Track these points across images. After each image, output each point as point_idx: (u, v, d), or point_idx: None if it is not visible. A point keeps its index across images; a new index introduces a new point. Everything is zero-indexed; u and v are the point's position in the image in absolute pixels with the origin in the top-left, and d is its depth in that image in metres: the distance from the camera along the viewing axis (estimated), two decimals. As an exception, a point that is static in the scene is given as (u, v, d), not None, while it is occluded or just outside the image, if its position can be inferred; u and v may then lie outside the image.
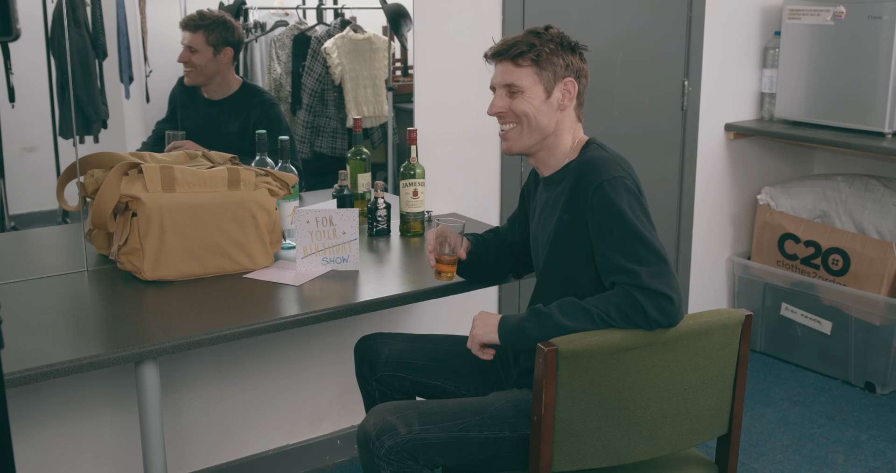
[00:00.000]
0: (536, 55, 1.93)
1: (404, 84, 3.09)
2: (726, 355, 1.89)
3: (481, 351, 1.93)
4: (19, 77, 2.43)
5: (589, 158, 1.91)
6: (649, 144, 3.58)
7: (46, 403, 2.47)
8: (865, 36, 3.41)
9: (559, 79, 1.94)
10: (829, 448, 3.11)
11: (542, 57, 1.93)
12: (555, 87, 1.94)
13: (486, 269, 2.24)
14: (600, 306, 1.77)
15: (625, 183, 1.84)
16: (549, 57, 1.93)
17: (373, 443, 1.86)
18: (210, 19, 2.74)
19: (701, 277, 3.89)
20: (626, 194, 1.83)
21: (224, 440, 2.81)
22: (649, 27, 3.48)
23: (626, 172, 1.88)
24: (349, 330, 2.92)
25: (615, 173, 1.85)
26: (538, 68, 1.93)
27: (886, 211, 3.51)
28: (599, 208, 1.83)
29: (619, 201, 1.82)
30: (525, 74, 1.94)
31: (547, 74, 1.94)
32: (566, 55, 1.95)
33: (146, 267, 2.21)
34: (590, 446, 1.82)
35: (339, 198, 2.69)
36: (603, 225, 1.83)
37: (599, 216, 1.83)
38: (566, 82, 1.95)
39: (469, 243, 2.20)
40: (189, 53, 2.74)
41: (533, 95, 1.94)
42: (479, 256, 2.21)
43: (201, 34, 2.73)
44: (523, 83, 1.94)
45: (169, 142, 2.71)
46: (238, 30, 2.79)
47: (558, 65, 1.94)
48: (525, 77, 1.94)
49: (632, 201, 1.83)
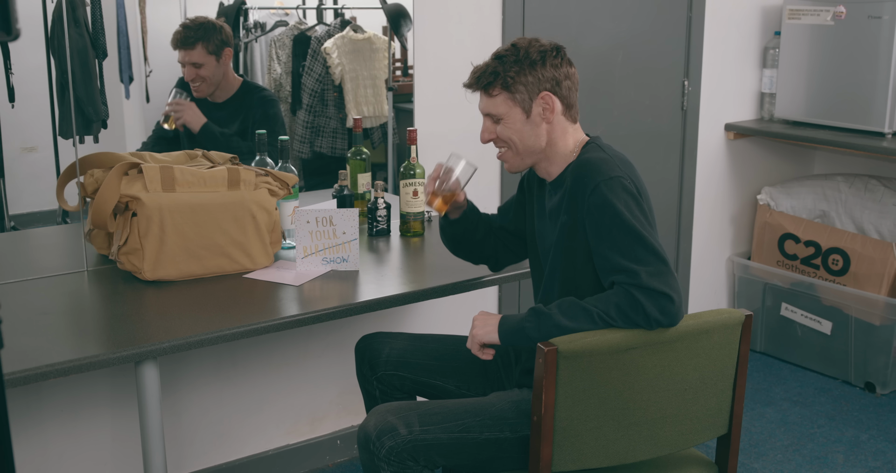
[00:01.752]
0: (503, 82, 1.93)
1: (404, 84, 3.09)
2: (726, 355, 1.89)
3: (481, 351, 1.93)
4: (19, 77, 2.43)
5: (586, 159, 1.91)
6: (649, 144, 3.58)
7: (46, 403, 2.47)
8: (865, 36, 3.40)
9: (534, 96, 1.93)
10: (829, 448, 3.11)
11: (508, 82, 1.92)
12: (532, 105, 1.93)
13: (470, 242, 2.21)
14: (600, 305, 1.77)
15: (622, 183, 1.84)
16: (515, 79, 1.92)
17: (373, 444, 1.86)
18: (201, 29, 2.72)
19: (701, 277, 3.89)
20: (624, 193, 1.83)
21: (224, 440, 2.81)
22: (649, 27, 3.48)
23: (623, 172, 1.87)
24: (349, 330, 2.92)
25: (612, 173, 1.85)
26: (509, 93, 1.93)
27: (886, 211, 3.51)
28: (597, 209, 1.83)
29: (615, 202, 1.81)
30: (499, 102, 1.95)
31: (520, 96, 1.93)
32: (533, 72, 1.92)
33: (146, 267, 2.21)
34: (590, 446, 1.82)
35: (339, 198, 2.69)
36: (601, 225, 1.82)
37: (597, 217, 1.83)
38: (542, 97, 1.93)
39: (467, 202, 2.17)
40: (195, 70, 2.73)
41: (513, 120, 1.95)
42: (470, 223, 2.18)
43: (200, 47, 2.72)
44: (500, 111, 1.95)
45: (172, 98, 2.70)
46: (225, 27, 2.78)
47: (528, 83, 1.92)
48: (499, 105, 1.95)
49: (629, 200, 1.83)
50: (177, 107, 2.72)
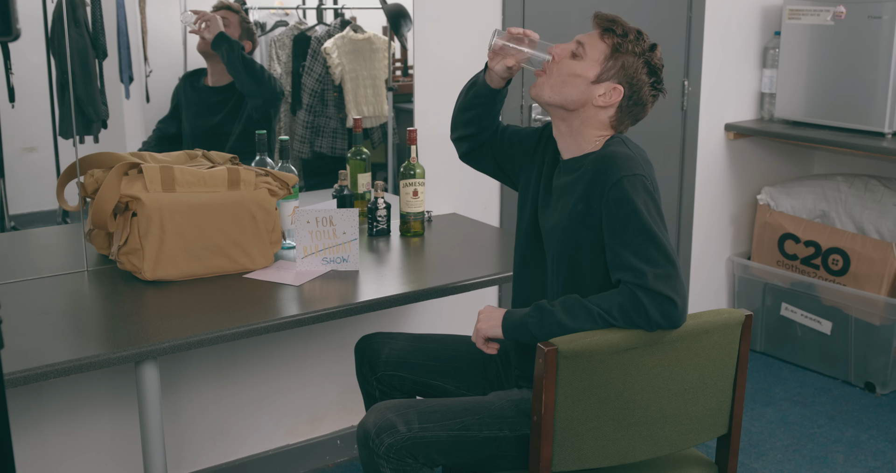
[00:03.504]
0: (618, 43, 1.90)
1: (404, 84, 3.09)
2: (726, 355, 1.89)
3: (486, 345, 1.93)
4: (19, 77, 2.43)
5: (611, 152, 1.89)
6: (649, 144, 3.55)
7: (46, 403, 2.47)
8: (865, 36, 3.41)
9: (612, 78, 1.90)
10: (829, 448, 3.11)
11: (619, 47, 1.89)
12: (606, 81, 1.90)
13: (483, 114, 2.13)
14: (603, 305, 1.77)
15: (643, 182, 1.83)
16: (624, 51, 1.89)
17: (372, 441, 1.86)
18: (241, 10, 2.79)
19: (701, 277, 3.89)
20: (644, 192, 1.82)
21: (224, 440, 2.81)
22: (649, 27, 3.44)
23: (646, 172, 1.86)
24: (349, 330, 2.92)
25: (636, 171, 1.84)
26: (609, 53, 1.90)
27: (886, 211, 3.51)
28: (615, 204, 1.82)
29: (635, 199, 1.81)
30: (597, 48, 1.91)
31: (611, 64, 1.89)
32: (635, 66, 1.90)
33: (146, 267, 2.21)
34: (590, 446, 1.82)
35: (339, 198, 2.69)
36: (617, 221, 1.82)
37: (614, 211, 1.82)
38: (615, 86, 1.90)
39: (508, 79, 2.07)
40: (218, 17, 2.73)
41: (583, 69, 1.90)
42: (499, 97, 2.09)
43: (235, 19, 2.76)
44: (589, 53, 1.91)
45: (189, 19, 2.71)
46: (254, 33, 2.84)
47: (624, 65, 1.90)
48: (595, 49, 1.91)
49: (648, 200, 1.82)
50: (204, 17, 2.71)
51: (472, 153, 2.22)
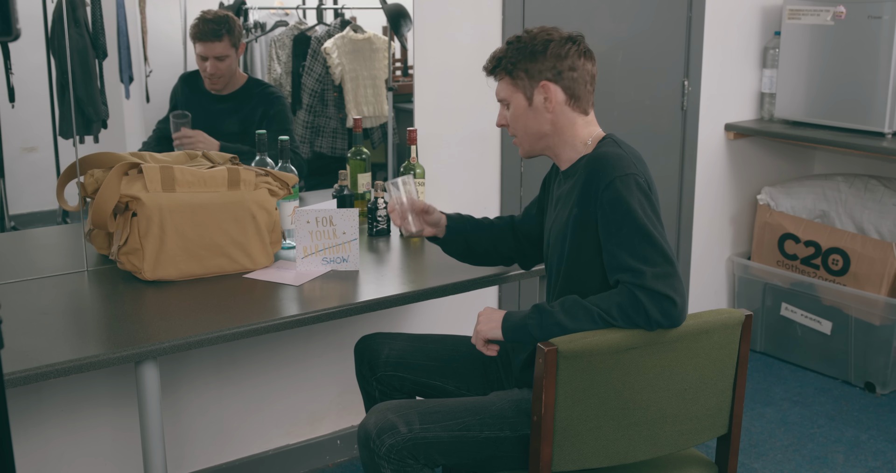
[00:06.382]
0: (505, 68, 1.98)
1: (404, 84, 3.09)
2: (726, 355, 1.89)
3: (485, 347, 1.94)
4: (19, 77, 2.43)
5: (602, 153, 1.90)
6: (649, 144, 3.58)
7: (46, 403, 2.47)
8: (865, 36, 3.41)
9: (535, 84, 1.96)
10: (829, 448, 3.11)
11: (509, 68, 1.97)
12: (534, 92, 1.96)
13: (478, 253, 2.24)
14: (602, 305, 1.77)
15: (637, 180, 1.84)
16: (516, 66, 1.96)
17: (373, 442, 1.86)
18: (224, 21, 2.70)
19: (701, 277, 3.89)
20: (638, 191, 1.83)
21: (224, 440, 2.81)
22: (649, 27, 3.48)
23: (638, 170, 1.87)
24: (349, 330, 2.92)
25: (628, 170, 1.84)
26: (512, 79, 1.98)
27: (886, 211, 3.51)
28: (609, 205, 1.82)
29: (629, 199, 1.81)
30: (504, 87, 2.01)
31: (522, 83, 1.97)
32: (534, 60, 1.95)
33: (146, 267, 2.21)
34: (590, 446, 1.82)
35: (339, 198, 2.69)
36: (612, 222, 1.82)
37: (609, 213, 1.82)
38: (542, 86, 1.95)
39: (444, 217, 2.20)
40: (218, 63, 2.71)
41: (516, 105, 1.99)
42: (459, 235, 2.21)
43: (227, 40, 2.70)
44: (505, 95, 2.01)
45: (177, 129, 2.66)
46: (237, 19, 2.78)
47: (529, 71, 1.95)
48: (504, 89, 2.01)
49: (643, 199, 1.82)
50: (187, 140, 2.67)
51: (526, 256, 2.27)
